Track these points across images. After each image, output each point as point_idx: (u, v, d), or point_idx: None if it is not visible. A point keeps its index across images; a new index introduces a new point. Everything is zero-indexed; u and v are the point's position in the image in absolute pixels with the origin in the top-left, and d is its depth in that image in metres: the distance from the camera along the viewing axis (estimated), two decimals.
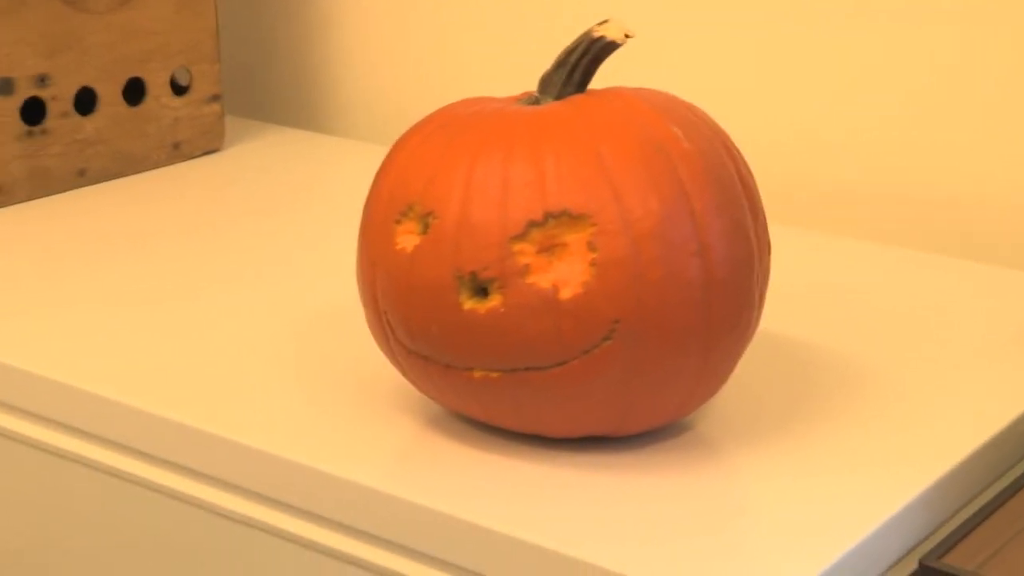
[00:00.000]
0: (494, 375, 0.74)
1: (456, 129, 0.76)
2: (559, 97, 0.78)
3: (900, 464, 0.77)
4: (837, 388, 0.85)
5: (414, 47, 1.36)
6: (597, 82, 0.79)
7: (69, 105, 1.19)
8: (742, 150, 0.79)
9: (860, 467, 0.76)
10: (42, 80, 1.17)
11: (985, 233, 1.10)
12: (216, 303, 0.99)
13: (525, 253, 0.72)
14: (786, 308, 0.93)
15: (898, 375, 0.87)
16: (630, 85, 0.80)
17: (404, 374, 0.79)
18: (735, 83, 1.19)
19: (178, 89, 1.27)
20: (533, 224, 0.72)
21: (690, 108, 0.77)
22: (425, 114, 0.80)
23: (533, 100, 0.78)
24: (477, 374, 0.74)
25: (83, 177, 1.21)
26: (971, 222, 1.11)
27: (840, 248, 1.09)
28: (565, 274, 0.72)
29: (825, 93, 1.16)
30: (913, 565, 0.72)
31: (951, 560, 0.70)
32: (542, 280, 0.72)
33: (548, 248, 0.72)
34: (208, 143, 1.30)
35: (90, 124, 1.21)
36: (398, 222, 0.75)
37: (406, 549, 0.75)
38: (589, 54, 0.77)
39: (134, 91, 1.24)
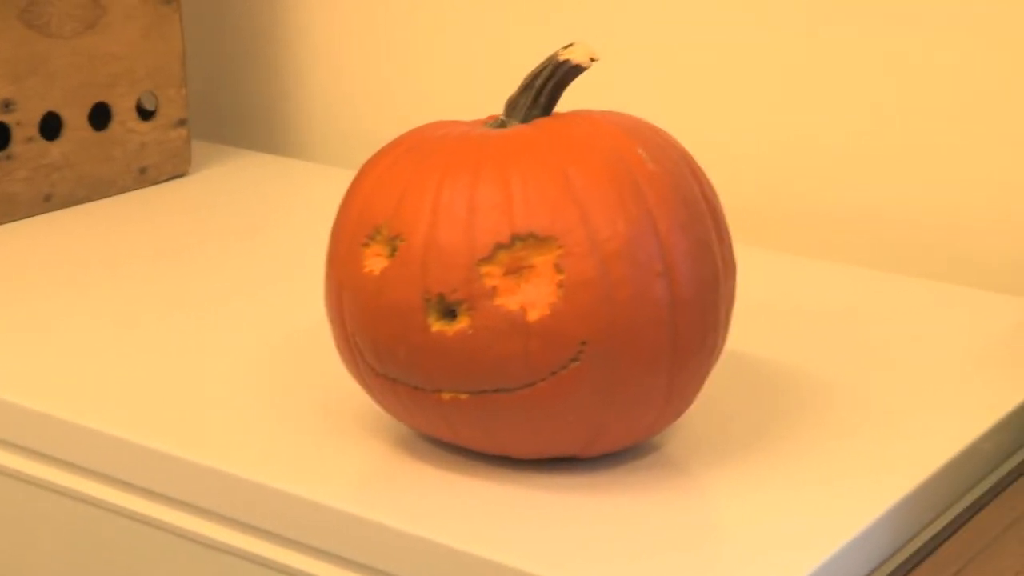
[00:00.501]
0: (462, 397, 0.74)
1: (423, 152, 0.76)
2: (525, 120, 0.78)
3: (867, 481, 0.77)
4: (803, 407, 0.86)
5: (381, 72, 1.37)
6: (563, 105, 0.80)
7: (35, 130, 1.19)
8: (707, 171, 0.79)
9: (827, 485, 0.77)
10: (7, 105, 1.16)
11: (951, 253, 1.11)
12: (184, 327, 0.99)
13: (492, 275, 0.72)
14: (751, 328, 0.93)
15: (863, 394, 0.88)
16: (596, 108, 0.80)
17: (372, 396, 0.79)
18: (699, 105, 1.20)
19: (144, 114, 1.27)
20: (500, 246, 0.72)
21: (655, 130, 0.78)
22: (392, 138, 0.80)
23: (499, 123, 0.79)
24: (445, 396, 0.74)
25: (49, 202, 1.20)
26: (938, 243, 1.11)
27: (806, 268, 1.09)
28: (532, 296, 0.72)
29: (790, 114, 1.16)
30: None
31: None
32: (509, 302, 0.72)
33: (515, 270, 0.72)
34: (175, 167, 1.30)
35: (56, 149, 1.20)
36: (366, 245, 0.75)
37: (374, 570, 0.75)
38: (555, 77, 0.78)
39: (100, 116, 1.24)
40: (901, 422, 0.84)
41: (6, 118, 1.16)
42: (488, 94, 1.12)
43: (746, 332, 0.90)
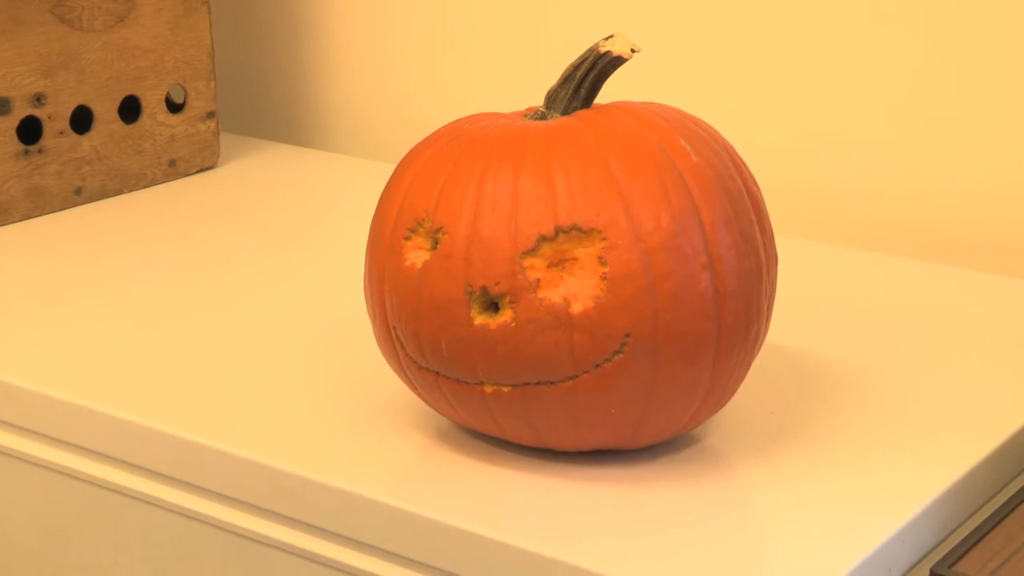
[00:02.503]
0: (505, 390, 0.74)
1: (464, 145, 0.76)
2: (566, 112, 0.78)
3: (909, 473, 0.77)
4: (844, 398, 0.85)
5: (410, 64, 1.37)
6: (603, 97, 0.79)
7: (66, 124, 1.19)
8: (747, 162, 0.79)
9: (869, 477, 0.77)
10: (39, 99, 1.17)
11: (991, 242, 1.10)
12: (217, 320, 0.99)
13: (536, 268, 0.72)
14: (791, 319, 0.93)
15: (904, 384, 0.87)
16: (636, 99, 0.80)
17: (414, 389, 0.79)
18: (740, 96, 1.19)
19: (173, 107, 1.27)
20: (544, 239, 0.72)
21: (697, 122, 0.78)
22: (422, 129, 0.80)
23: (540, 115, 0.78)
24: (488, 389, 0.74)
25: (80, 195, 1.21)
26: (979, 232, 1.11)
27: (844, 259, 1.09)
28: (576, 288, 0.72)
29: (826, 106, 1.16)
30: (924, 574, 0.73)
31: (962, 568, 0.71)
32: (553, 294, 0.72)
33: (559, 263, 0.72)
34: (203, 160, 1.30)
35: (87, 142, 1.20)
36: (407, 238, 0.75)
37: (416, 563, 0.75)
38: (596, 69, 0.77)
39: (130, 109, 1.24)
40: (942, 413, 0.84)
41: (38, 112, 1.17)
42: (518, 86, 1.12)
43: (784, 323, 0.90)
